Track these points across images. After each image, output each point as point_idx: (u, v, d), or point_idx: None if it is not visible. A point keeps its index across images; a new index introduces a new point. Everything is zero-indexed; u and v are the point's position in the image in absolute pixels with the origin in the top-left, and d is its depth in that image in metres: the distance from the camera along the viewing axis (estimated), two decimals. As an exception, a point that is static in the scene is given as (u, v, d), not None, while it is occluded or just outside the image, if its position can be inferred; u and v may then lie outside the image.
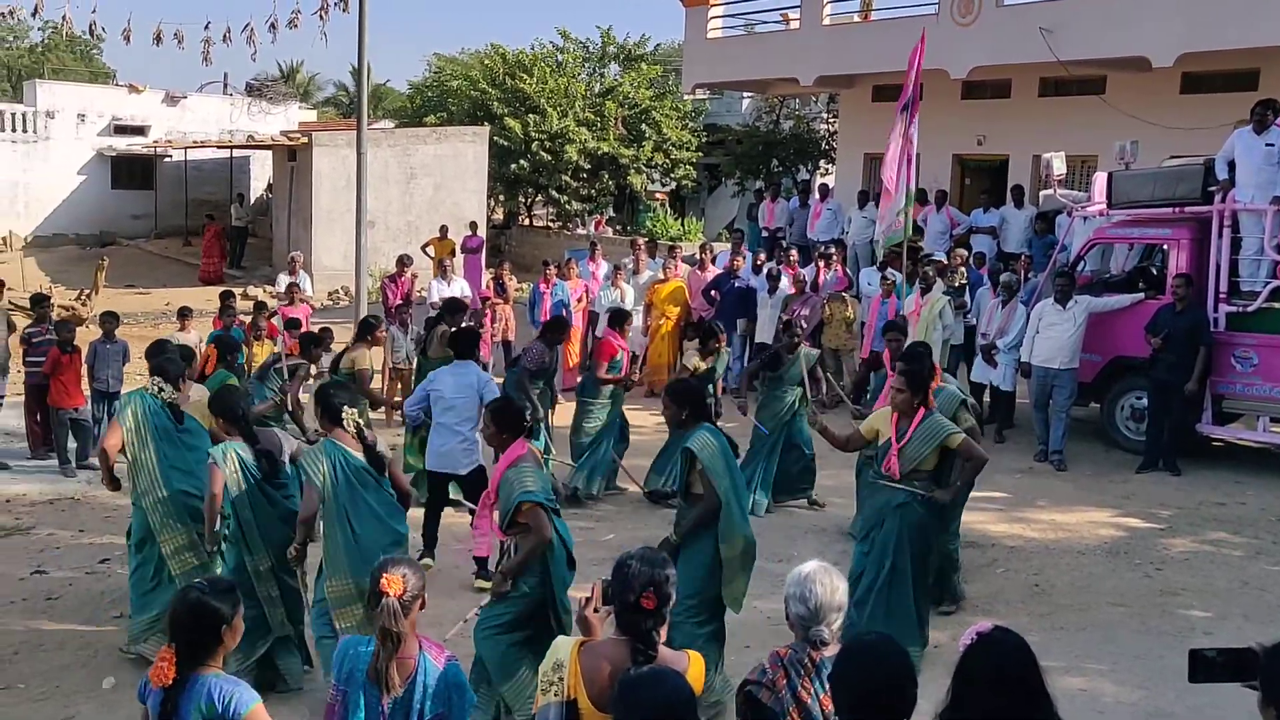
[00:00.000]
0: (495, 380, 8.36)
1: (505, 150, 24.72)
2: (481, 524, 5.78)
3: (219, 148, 28.47)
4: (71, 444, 10.43)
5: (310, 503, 5.52)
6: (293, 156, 24.18)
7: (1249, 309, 10.13)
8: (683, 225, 22.84)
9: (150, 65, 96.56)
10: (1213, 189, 10.33)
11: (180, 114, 29.56)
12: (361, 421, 5.74)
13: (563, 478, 9.17)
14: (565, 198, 25.31)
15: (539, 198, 27.14)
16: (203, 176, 29.12)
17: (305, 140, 23.34)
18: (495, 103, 25.35)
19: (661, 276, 14.01)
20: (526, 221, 27.92)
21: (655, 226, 22.69)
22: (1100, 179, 11.78)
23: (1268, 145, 10.02)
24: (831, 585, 3.38)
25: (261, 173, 29.49)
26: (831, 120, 24.66)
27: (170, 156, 28.90)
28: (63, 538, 8.46)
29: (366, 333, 9.59)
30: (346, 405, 5.66)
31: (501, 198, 27.42)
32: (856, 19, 19.96)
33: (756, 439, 9.26)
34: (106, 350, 10.76)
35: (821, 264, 14.11)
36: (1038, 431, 10.87)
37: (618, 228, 25.47)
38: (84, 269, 22.75)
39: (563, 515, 5.58)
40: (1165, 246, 10.90)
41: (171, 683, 3.23)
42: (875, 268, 13.71)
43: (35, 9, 15.42)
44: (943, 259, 13.33)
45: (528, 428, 5.60)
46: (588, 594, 3.48)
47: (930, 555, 6.30)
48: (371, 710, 3.42)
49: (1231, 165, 10.27)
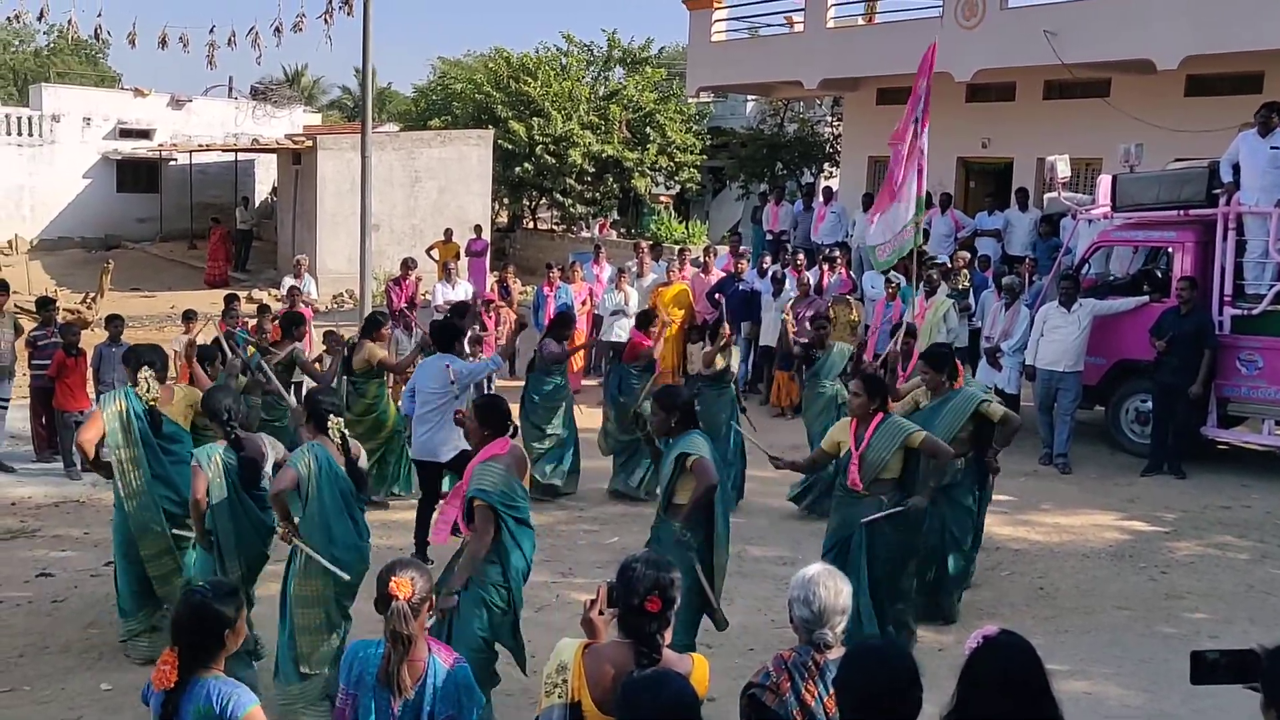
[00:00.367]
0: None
1: (510, 153, 24.73)
2: (448, 512, 5.79)
3: (224, 151, 28.50)
4: (76, 447, 10.44)
5: (284, 479, 5.33)
6: (297, 160, 24.19)
7: (1254, 312, 10.11)
8: (687, 228, 22.80)
9: (155, 69, 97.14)
10: (1217, 192, 10.33)
11: (185, 117, 29.60)
12: (347, 432, 5.65)
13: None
14: (569, 201, 25.31)
15: (543, 201, 27.15)
16: (208, 180, 29.16)
17: (310, 143, 23.37)
18: (500, 106, 25.37)
19: (666, 280, 14.01)
20: (531, 225, 27.92)
21: (659, 230, 22.67)
22: (1105, 182, 11.77)
23: (1273, 148, 10.00)
24: (835, 588, 3.38)
25: (266, 176, 29.51)
26: (836, 123, 24.66)
27: (175, 160, 28.95)
28: (67, 540, 8.47)
29: (372, 328, 9.60)
30: (334, 414, 5.57)
31: (506, 201, 27.43)
32: (861, 22, 19.97)
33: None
34: (111, 353, 10.76)
35: (825, 267, 14.11)
36: (1042, 434, 10.86)
37: (622, 231, 25.46)
38: (89, 272, 22.78)
39: (566, 517, 5.55)
40: (1170, 249, 10.89)
41: (173, 685, 3.24)
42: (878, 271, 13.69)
43: (41, 13, 15.45)
44: (947, 262, 13.32)
45: (512, 428, 5.55)
46: (593, 596, 3.48)
47: (903, 571, 6.01)
48: (382, 713, 3.42)
49: (1236, 168, 10.26)
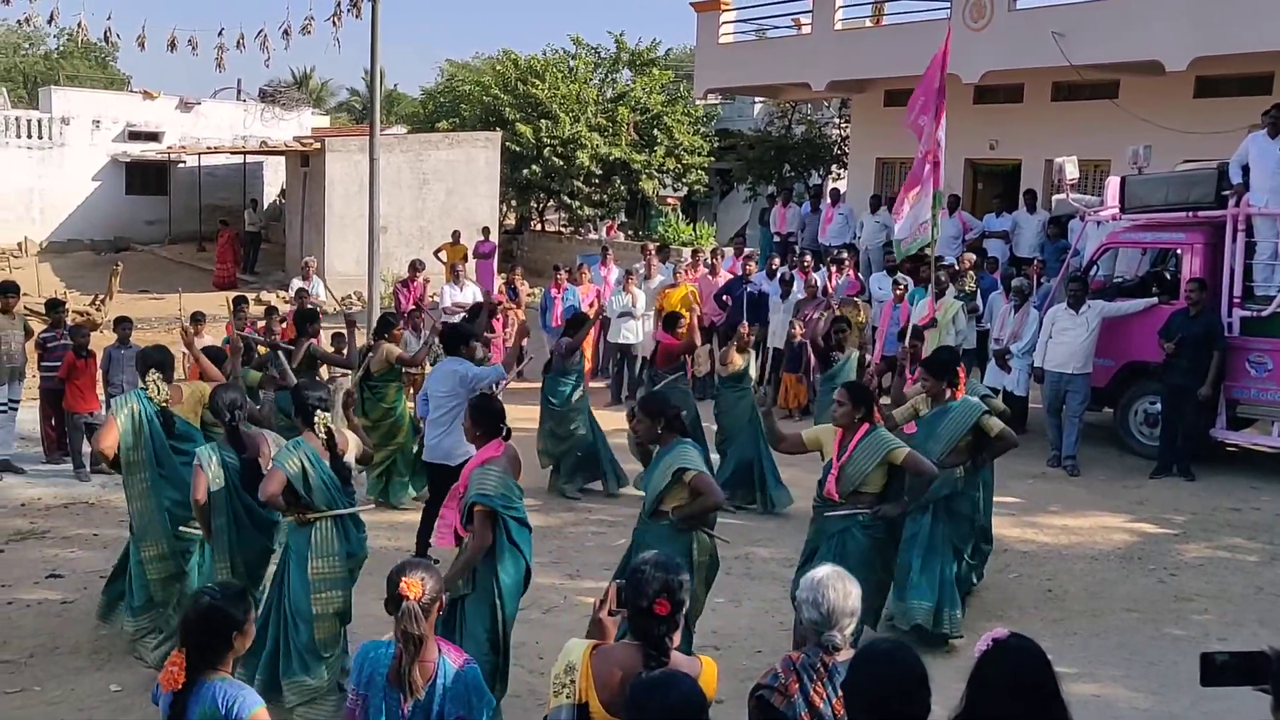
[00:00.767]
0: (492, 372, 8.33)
1: (517, 155, 24.76)
2: (447, 514, 5.82)
3: (232, 153, 28.59)
4: (86, 448, 10.46)
5: (272, 482, 5.32)
6: (306, 162, 24.24)
7: (1263, 314, 10.09)
8: (694, 230, 22.80)
9: (164, 72, 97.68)
10: (1226, 193, 10.30)
11: (194, 120, 29.68)
12: (333, 427, 5.63)
13: None
14: (577, 203, 25.33)
15: (551, 203, 27.17)
16: (216, 182, 29.22)
17: (318, 146, 23.43)
18: (507, 108, 25.40)
19: (673, 281, 14.02)
20: (538, 226, 27.93)
21: (667, 232, 22.67)
22: (1113, 183, 11.74)
23: (1282, 149, 9.99)
24: (844, 590, 3.38)
25: (275, 178, 29.58)
26: (843, 125, 24.64)
27: (184, 162, 29.01)
28: (77, 541, 8.49)
29: (385, 329, 9.61)
30: (320, 409, 5.56)
31: (513, 203, 27.46)
32: (868, 24, 19.95)
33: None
34: (121, 355, 10.83)
35: (833, 269, 14.10)
36: (1051, 436, 10.84)
37: (629, 233, 25.47)
38: (98, 274, 22.84)
39: (574, 518, 5.55)
40: (1179, 251, 10.87)
41: (180, 686, 3.25)
42: (886, 272, 13.69)
43: (51, 16, 15.46)
44: (954, 264, 13.31)
45: (505, 430, 5.56)
46: (602, 596, 3.48)
47: (874, 582, 5.80)
48: (392, 714, 3.42)
49: (1245, 170, 10.23)
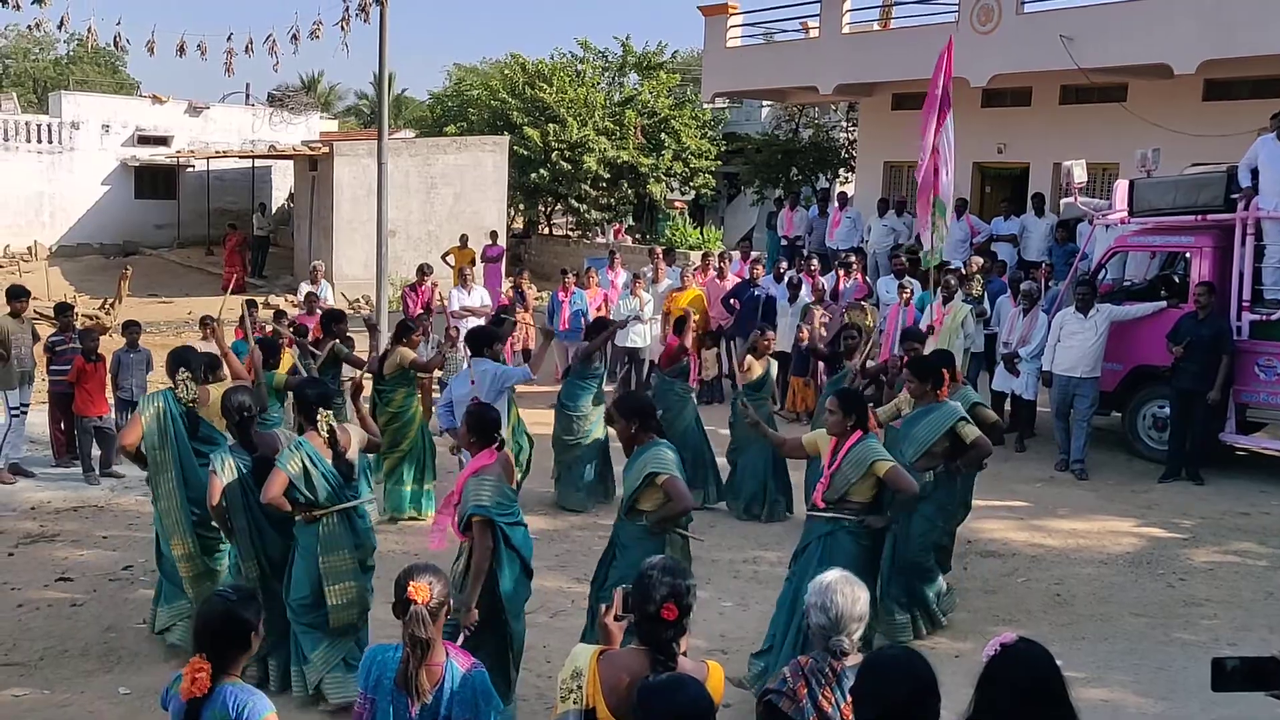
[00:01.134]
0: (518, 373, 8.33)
1: (525, 159, 24.80)
2: (441, 520, 5.89)
3: (241, 158, 28.68)
4: (95, 451, 10.50)
5: (274, 485, 5.41)
6: (314, 166, 24.30)
7: (1272, 317, 10.07)
8: (702, 234, 22.82)
9: (174, 76, 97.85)
10: (1235, 196, 10.28)
11: (203, 124, 29.77)
12: (336, 425, 5.67)
13: None
14: (585, 207, 25.36)
15: (558, 207, 27.21)
16: (225, 186, 29.31)
17: (326, 150, 23.49)
18: (515, 112, 25.44)
19: (680, 285, 14.03)
20: (546, 230, 27.97)
21: (674, 235, 22.69)
22: (1121, 187, 11.73)
23: (1291, 152, 9.97)
24: (853, 595, 3.38)
25: (283, 182, 29.66)
26: (851, 129, 24.64)
27: (193, 166, 29.11)
28: (86, 544, 8.51)
29: (403, 335, 9.65)
30: (322, 407, 5.59)
31: (521, 206, 27.50)
32: (876, 27, 19.94)
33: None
34: (130, 359, 10.88)
35: (841, 272, 14.09)
36: (1059, 440, 10.82)
37: (637, 236, 25.50)
38: (107, 278, 22.92)
39: (580, 522, 5.56)
40: (1187, 254, 10.84)
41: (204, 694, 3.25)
42: (893, 276, 13.68)
43: (61, 21, 15.53)
44: (961, 268, 13.29)
45: (499, 440, 5.56)
46: (609, 601, 3.48)
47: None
48: (399, 718, 3.42)
49: (1255, 173, 10.22)
